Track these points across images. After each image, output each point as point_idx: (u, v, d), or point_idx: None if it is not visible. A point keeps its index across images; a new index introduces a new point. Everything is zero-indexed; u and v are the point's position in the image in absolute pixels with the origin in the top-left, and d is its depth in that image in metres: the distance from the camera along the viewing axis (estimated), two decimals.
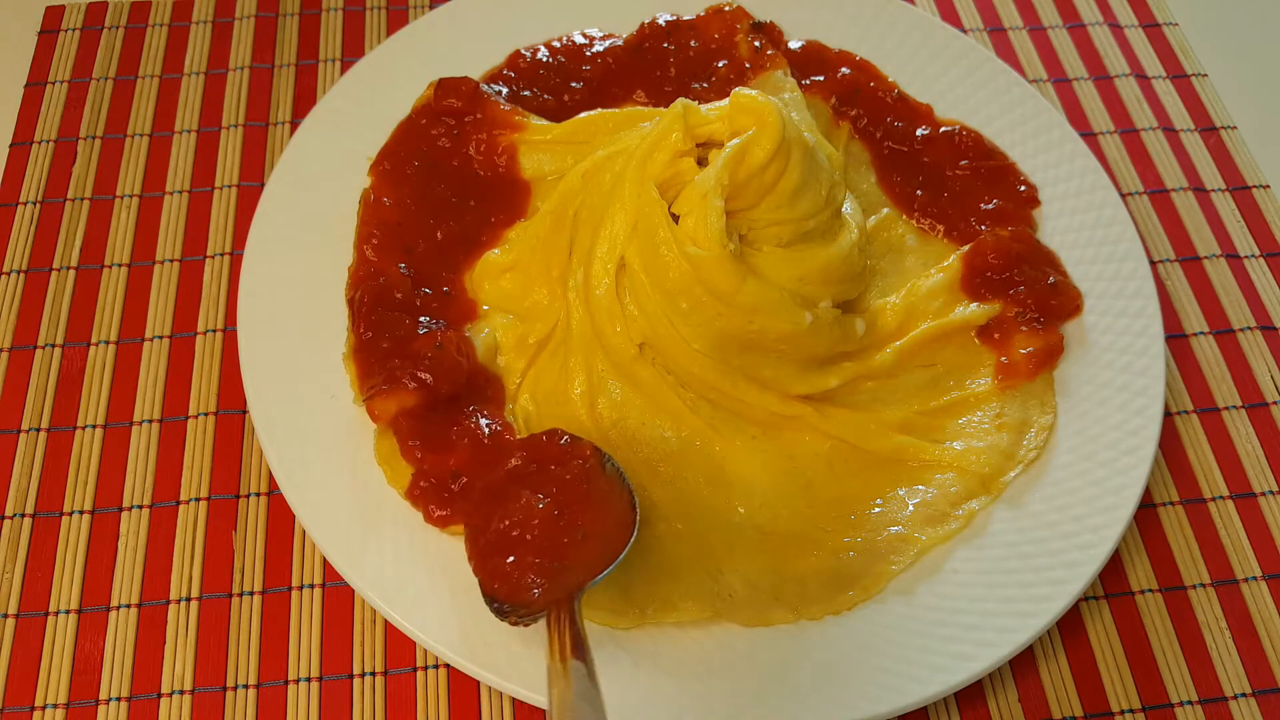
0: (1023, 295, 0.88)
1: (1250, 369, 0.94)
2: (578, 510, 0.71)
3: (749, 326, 0.79)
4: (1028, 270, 0.89)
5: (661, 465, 0.81)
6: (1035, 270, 0.89)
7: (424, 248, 0.89)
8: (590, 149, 0.90)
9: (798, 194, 0.79)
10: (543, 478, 0.73)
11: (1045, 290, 0.88)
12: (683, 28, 1.01)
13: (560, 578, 0.69)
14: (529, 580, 0.68)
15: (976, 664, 0.73)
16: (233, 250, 0.96)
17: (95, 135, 1.03)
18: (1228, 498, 0.87)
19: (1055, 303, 0.88)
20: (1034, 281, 0.88)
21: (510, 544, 0.70)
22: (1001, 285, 0.88)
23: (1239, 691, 0.79)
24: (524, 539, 0.70)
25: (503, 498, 0.72)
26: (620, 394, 0.83)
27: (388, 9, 1.13)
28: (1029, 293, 0.88)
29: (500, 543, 0.70)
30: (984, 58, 1.02)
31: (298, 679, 0.77)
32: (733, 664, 0.73)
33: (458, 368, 0.81)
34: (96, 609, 0.79)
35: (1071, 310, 0.89)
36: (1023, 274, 0.88)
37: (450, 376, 0.80)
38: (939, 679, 0.73)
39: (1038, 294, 0.88)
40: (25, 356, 0.91)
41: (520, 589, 0.68)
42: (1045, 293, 0.88)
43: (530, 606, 0.68)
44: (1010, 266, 0.88)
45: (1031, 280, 0.88)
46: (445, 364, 0.80)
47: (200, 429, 0.87)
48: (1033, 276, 0.89)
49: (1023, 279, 0.88)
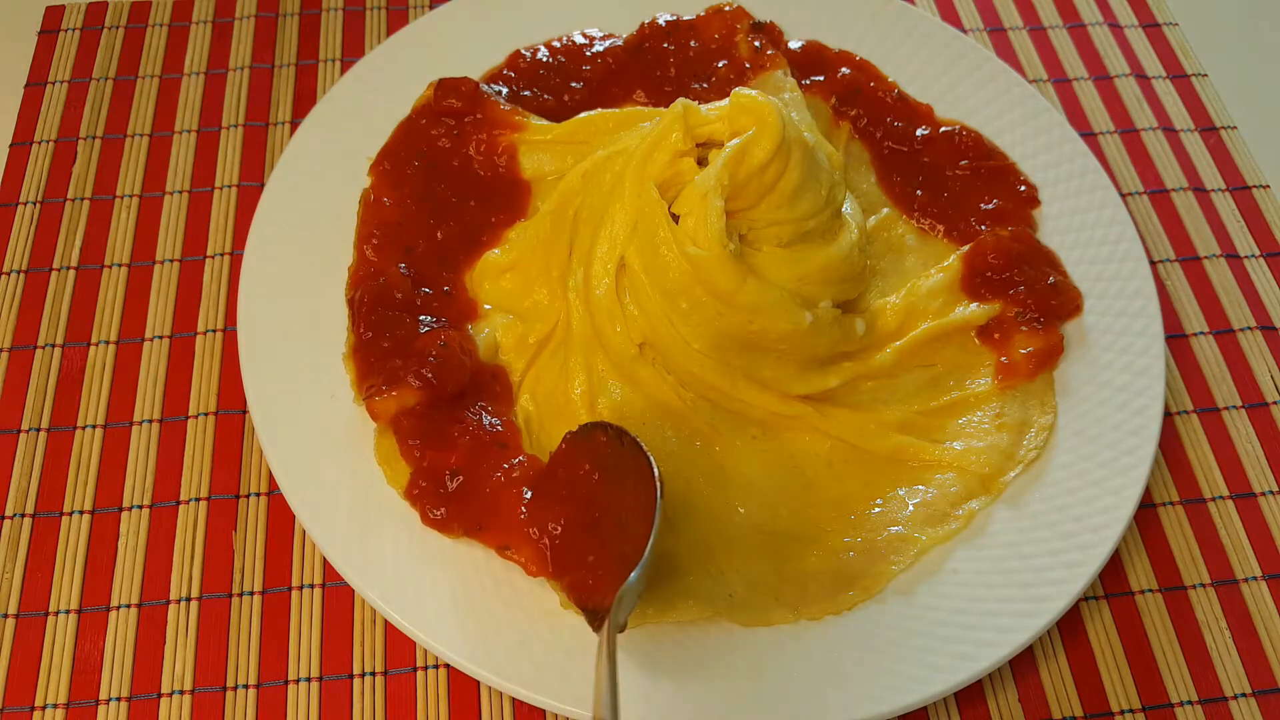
0: (1023, 295, 0.88)
1: (1250, 369, 0.94)
2: (615, 497, 0.72)
3: (749, 326, 0.79)
4: (1028, 270, 0.89)
5: (661, 465, 0.81)
6: (1035, 270, 0.89)
7: (424, 248, 0.89)
8: (590, 149, 0.90)
9: (798, 194, 0.79)
10: (584, 477, 0.74)
11: (1045, 290, 0.88)
12: (683, 28, 1.01)
13: (621, 568, 0.69)
14: (607, 579, 0.69)
15: (976, 664, 0.73)
16: (233, 250, 0.96)
17: (95, 135, 1.03)
18: (1228, 498, 0.87)
19: (1055, 303, 0.88)
20: (1034, 281, 0.88)
21: (585, 549, 0.71)
22: (1001, 285, 0.88)
23: (1239, 691, 0.79)
24: (594, 541, 0.71)
25: (568, 509, 0.73)
26: (620, 394, 0.83)
27: (388, 9, 1.13)
28: (1029, 293, 0.88)
29: (580, 550, 0.71)
30: (984, 58, 1.03)
31: (298, 679, 0.77)
32: (733, 664, 0.73)
33: (461, 366, 0.81)
34: (96, 609, 0.79)
35: (1071, 310, 0.89)
36: (1023, 274, 0.88)
37: (455, 375, 0.80)
38: (939, 679, 0.73)
39: (1038, 294, 0.88)
40: (25, 356, 0.91)
41: (603, 591, 0.69)
42: (1045, 293, 0.88)
43: (607, 605, 0.68)
44: (1010, 266, 0.88)
45: (1031, 280, 0.88)
46: (451, 362, 0.80)
47: (200, 429, 0.87)
48: (1033, 276, 0.89)
49: (1023, 279, 0.88)
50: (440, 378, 0.79)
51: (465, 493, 0.76)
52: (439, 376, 0.79)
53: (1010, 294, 0.88)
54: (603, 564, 0.70)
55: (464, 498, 0.76)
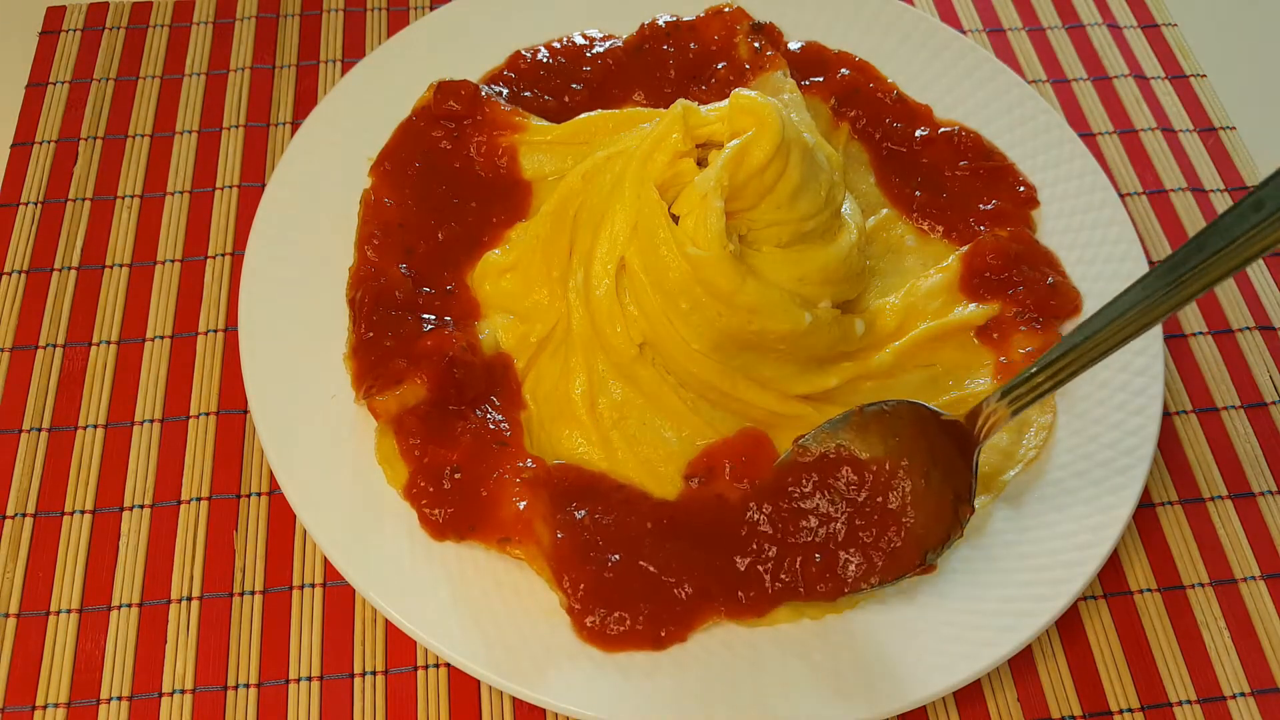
0: (1022, 295, 0.88)
1: (1249, 369, 0.94)
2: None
3: (749, 327, 0.79)
4: (1026, 271, 0.89)
5: (662, 466, 0.82)
6: (1034, 270, 0.89)
7: (425, 248, 0.89)
8: (590, 150, 0.90)
9: (797, 194, 0.79)
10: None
11: (1044, 290, 0.88)
12: (682, 29, 1.01)
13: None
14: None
15: (976, 663, 0.73)
16: (234, 250, 0.97)
17: (96, 136, 1.03)
18: (1226, 497, 0.87)
19: (1054, 303, 0.88)
20: (1033, 282, 0.88)
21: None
22: (1000, 285, 0.88)
23: (1237, 691, 0.79)
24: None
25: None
26: (621, 394, 0.83)
27: (388, 10, 1.13)
28: (1028, 293, 0.88)
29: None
30: (983, 58, 1.03)
31: (298, 678, 0.77)
32: (733, 664, 0.73)
33: (475, 370, 0.81)
34: (97, 608, 0.80)
35: (1071, 310, 0.89)
36: (1021, 274, 0.89)
37: (473, 376, 0.81)
38: (939, 679, 0.73)
39: (1037, 294, 0.88)
40: (27, 356, 0.91)
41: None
42: (1044, 293, 0.88)
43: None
44: (1009, 267, 0.89)
45: (1030, 280, 0.89)
46: (477, 366, 0.81)
47: (201, 429, 0.87)
48: (1032, 277, 0.89)
49: (1021, 279, 0.88)
50: (459, 381, 0.79)
51: (464, 490, 0.77)
52: (457, 379, 0.79)
53: (1009, 294, 0.88)
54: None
55: (462, 495, 0.77)
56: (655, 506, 0.79)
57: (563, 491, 0.78)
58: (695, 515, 0.78)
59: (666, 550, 0.76)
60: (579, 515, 0.77)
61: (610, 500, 0.79)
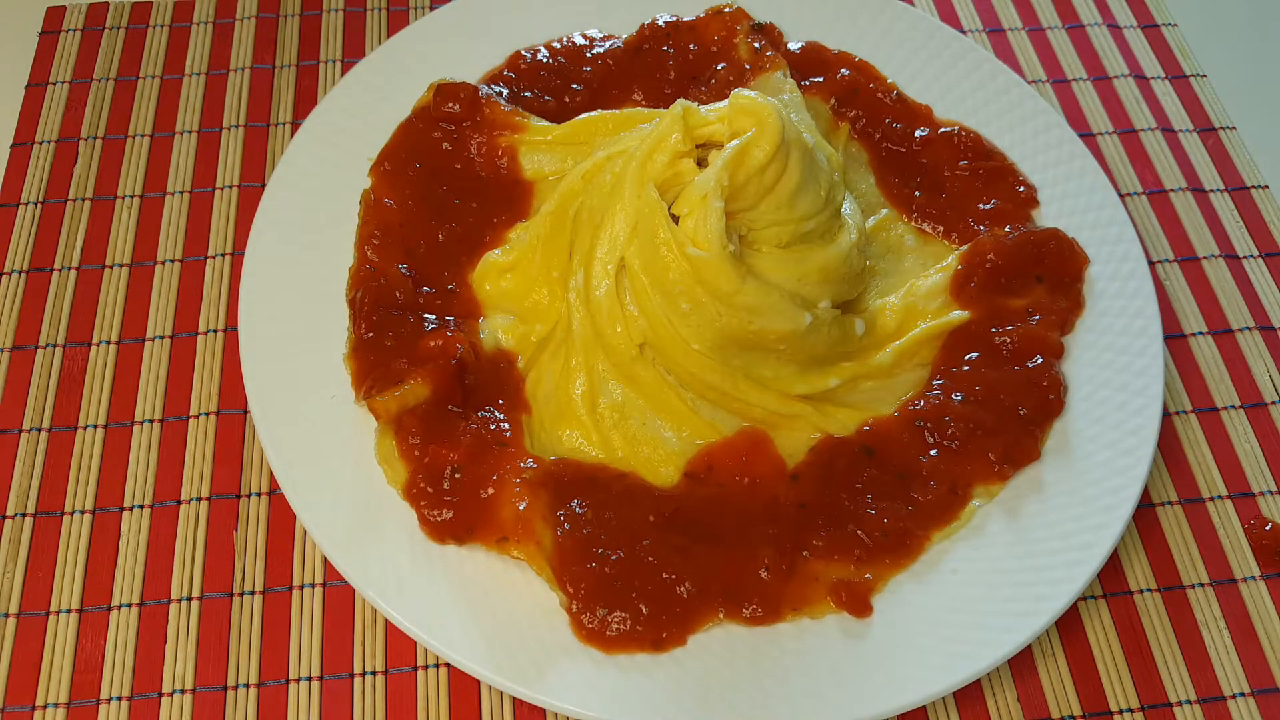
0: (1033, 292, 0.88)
1: (1249, 369, 0.94)
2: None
3: (749, 327, 0.79)
4: None
5: (662, 466, 0.82)
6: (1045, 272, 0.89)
7: (425, 248, 0.89)
8: (590, 150, 0.90)
9: (797, 195, 0.79)
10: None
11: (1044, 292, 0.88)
12: (682, 29, 1.01)
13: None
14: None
15: (976, 664, 0.73)
16: (233, 250, 0.97)
17: (96, 136, 1.03)
18: (1226, 497, 0.87)
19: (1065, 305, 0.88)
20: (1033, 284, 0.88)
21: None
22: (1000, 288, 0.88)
23: (1237, 691, 0.79)
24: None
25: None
26: (621, 394, 0.83)
27: (388, 10, 1.13)
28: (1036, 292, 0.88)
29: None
30: (983, 58, 1.03)
31: (298, 678, 0.77)
32: (733, 664, 0.74)
33: (483, 369, 0.81)
34: (97, 608, 0.80)
35: None
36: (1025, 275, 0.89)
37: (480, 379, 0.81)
38: (939, 679, 0.73)
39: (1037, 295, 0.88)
40: (26, 356, 0.91)
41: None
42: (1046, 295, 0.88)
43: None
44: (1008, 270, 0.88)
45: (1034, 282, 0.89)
46: (483, 367, 0.81)
47: (201, 429, 0.87)
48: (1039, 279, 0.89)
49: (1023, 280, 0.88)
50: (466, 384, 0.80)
51: (464, 491, 0.77)
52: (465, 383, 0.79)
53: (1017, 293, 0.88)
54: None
55: (463, 496, 0.77)
56: (658, 498, 0.79)
57: (563, 486, 0.78)
58: (698, 507, 0.79)
59: (668, 544, 0.76)
60: (580, 511, 0.77)
61: (611, 490, 0.79)
